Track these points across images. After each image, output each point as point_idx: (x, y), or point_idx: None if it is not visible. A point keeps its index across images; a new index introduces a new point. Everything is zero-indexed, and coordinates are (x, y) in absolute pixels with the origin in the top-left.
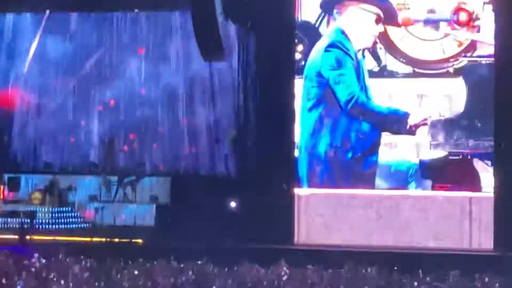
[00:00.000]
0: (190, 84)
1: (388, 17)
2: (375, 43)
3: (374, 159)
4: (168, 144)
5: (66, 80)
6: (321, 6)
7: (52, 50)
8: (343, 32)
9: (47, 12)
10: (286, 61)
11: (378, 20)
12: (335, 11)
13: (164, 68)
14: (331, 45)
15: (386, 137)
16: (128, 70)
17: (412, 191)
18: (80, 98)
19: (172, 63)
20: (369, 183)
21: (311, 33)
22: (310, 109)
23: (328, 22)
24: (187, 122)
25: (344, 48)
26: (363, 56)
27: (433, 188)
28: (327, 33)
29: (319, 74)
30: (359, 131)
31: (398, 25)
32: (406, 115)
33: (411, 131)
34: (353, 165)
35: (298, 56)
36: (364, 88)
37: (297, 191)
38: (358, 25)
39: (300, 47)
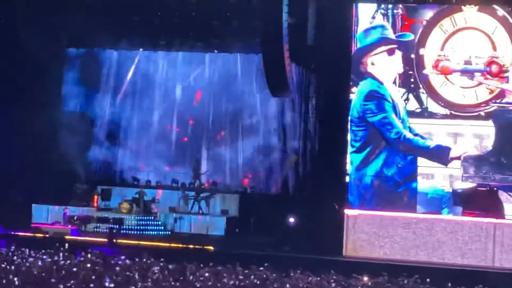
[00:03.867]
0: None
1: (396, 43)
2: (417, 86)
3: (414, 186)
4: (238, 167)
5: None
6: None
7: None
8: (374, 78)
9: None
10: (341, 99)
11: (391, 52)
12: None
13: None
14: (369, 95)
15: (424, 169)
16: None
17: (445, 215)
18: None
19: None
20: (409, 207)
21: (363, 78)
22: (358, 148)
23: None
24: (254, 149)
25: (380, 95)
26: (407, 99)
27: (463, 214)
28: (363, 80)
29: (363, 120)
30: (400, 163)
31: (397, 43)
32: (448, 149)
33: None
34: (395, 192)
35: (352, 96)
36: (402, 121)
37: (346, 211)
38: (382, 67)
39: (354, 89)
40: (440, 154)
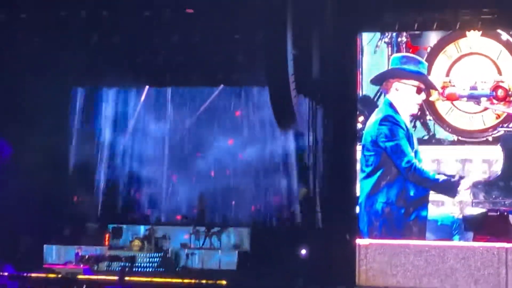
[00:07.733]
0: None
1: (427, 86)
2: (423, 113)
3: (424, 214)
4: (248, 201)
5: None
6: (372, 82)
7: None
8: (391, 105)
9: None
10: (349, 130)
11: (419, 91)
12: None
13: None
14: (384, 119)
15: (434, 195)
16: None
17: (456, 242)
18: None
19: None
20: (419, 236)
21: (370, 106)
22: (369, 173)
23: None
24: (264, 182)
25: (395, 121)
26: (415, 126)
27: (474, 239)
28: (379, 107)
29: (376, 144)
30: (411, 190)
31: (436, 89)
32: (457, 182)
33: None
34: (405, 220)
35: (359, 126)
36: (415, 153)
37: (358, 241)
38: (403, 98)
39: (361, 118)
40: (449, 187)
